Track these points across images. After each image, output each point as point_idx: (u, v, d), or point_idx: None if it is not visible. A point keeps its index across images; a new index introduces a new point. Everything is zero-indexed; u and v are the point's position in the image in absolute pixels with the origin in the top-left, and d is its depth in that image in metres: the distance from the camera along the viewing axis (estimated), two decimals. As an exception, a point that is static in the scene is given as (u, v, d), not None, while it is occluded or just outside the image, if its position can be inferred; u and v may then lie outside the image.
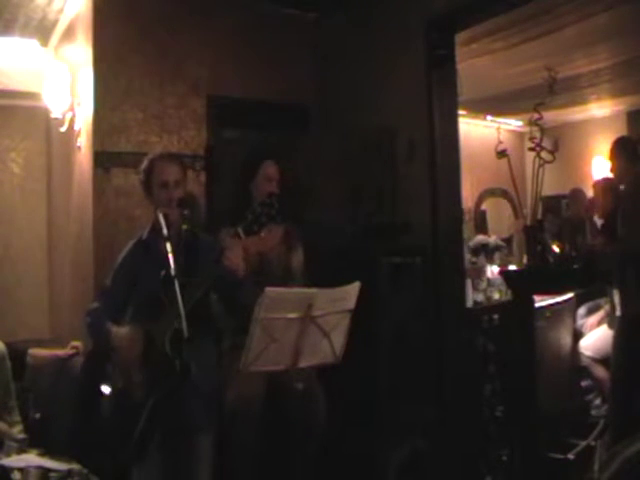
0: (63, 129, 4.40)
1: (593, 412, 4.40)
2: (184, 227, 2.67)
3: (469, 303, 3.94)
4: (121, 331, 2.59)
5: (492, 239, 5.79)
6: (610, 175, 4.14)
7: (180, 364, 2.44)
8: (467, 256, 4.54)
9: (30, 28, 4.71)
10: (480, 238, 5.51)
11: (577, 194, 5.95)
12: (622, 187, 3.98)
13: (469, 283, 4.45)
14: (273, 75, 4.35)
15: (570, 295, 4.33)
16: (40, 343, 4.31)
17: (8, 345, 3.83)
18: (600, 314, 4.62)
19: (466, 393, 3.54)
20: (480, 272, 4.58)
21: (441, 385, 3.48)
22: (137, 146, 3.91)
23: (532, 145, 3.57)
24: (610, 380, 3.87)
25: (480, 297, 4.54)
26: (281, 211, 2.46)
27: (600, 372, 4.32)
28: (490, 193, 7.34)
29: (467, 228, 5.61)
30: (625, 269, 3.62)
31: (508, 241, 6.30)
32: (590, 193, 5.36)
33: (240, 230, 2.43)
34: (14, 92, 5.07)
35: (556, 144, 3.64)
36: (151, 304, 2.55)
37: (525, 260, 4.00)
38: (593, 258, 3.87)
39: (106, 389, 2.63)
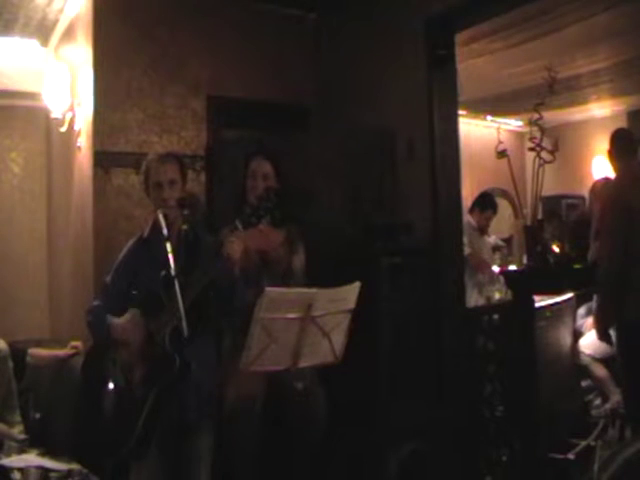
0: (63, 129, 4.40)
1: (593, 412, 4.39)
2: (184, 227, 2.67)
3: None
4: (121, 320, 2.59)
5: (492, 239, 5.80)
6: (610, 170, 4.11)
7: (179, 361, 2.44)
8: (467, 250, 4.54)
9: (30, 28, 4.71)
10: (480, 238, 5.52)
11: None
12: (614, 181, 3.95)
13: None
14: (273, 75, 4.35)
15: (570, 295, 4.32)
16: (40, 343, 4.31)
17: (8, 345, 3.84)
18: (600, 314, 4.61)
19: (466, 393, 3.54)
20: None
21: (441, 385, 3.48)
22: (137, 146, 3.91)
23: (532, 145, 3.57)
24: (622, 380, 3.86)
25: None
26: (279, 205, 2.46)
27: (600, 371, 4.32)
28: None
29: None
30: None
31: (508, 241, 6.31)
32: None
33: (238, 223, 2.43)
34: (14, 92, 5.07)
35: (556, 144, 3.63)
36: (151, 302, 2.55)
37: (525, 260, 4.00)
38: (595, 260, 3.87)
39: (109, 384, 2.63)
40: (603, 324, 3.73)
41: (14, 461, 3.19)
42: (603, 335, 3.74)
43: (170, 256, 2.41)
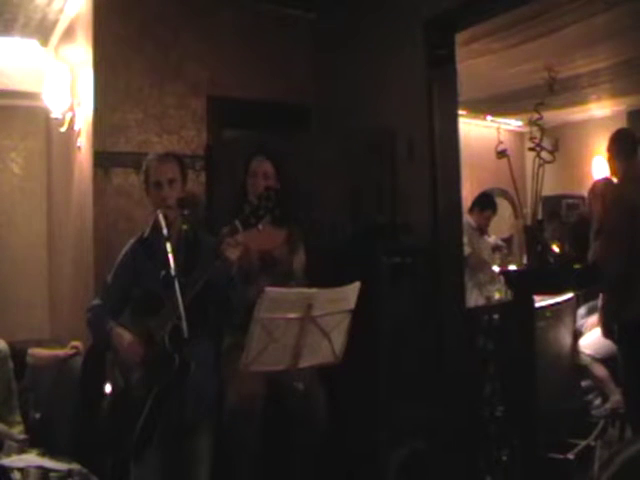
0: (63, 129, 4.40)
1: (593, 412, 4.39)
2: (184, 227, 2.67)
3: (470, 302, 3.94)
4: (123, 334, 2.59)
5: (492, 239, 5.80)
6: (608, 171, 4.10)
7: (179, 360, 2.44)
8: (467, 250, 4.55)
9: (30, 28, 4.71)
10: (480, 238, 5.52)
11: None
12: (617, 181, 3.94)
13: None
14: (273, 75, 4.35)
15: (570, 295, 4.32)
16: (40, 343, 4.31)
17: (8, 345, 3.84)
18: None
19: (466, 393, 3.54)
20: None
21: (441, 385, 3.48)
22: (137, 146, 3.91)
23: (532, 145, 3.56)
24: (622, 380, 3.86)
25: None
26: (279, 204, 2.46)
27: (600, 371, 4.32)
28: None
29: (467, 228, 5.58)
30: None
31: (508, 241, 6.31)
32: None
33: (238, 223, 2.43)
34: (14, 92, 5.07)
35: (556, 144, 3.62)
36: (150, 302, 2.55)
37: (525, 260, 4.00)
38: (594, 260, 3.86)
39: (107, 386, 2.63)
40: (608, 323, 3.74)
41: (14, 461, 3.19)
42: (608, 334, 3.74)
43: (170, 256, 2.41)
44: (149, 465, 2.59)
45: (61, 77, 4.34)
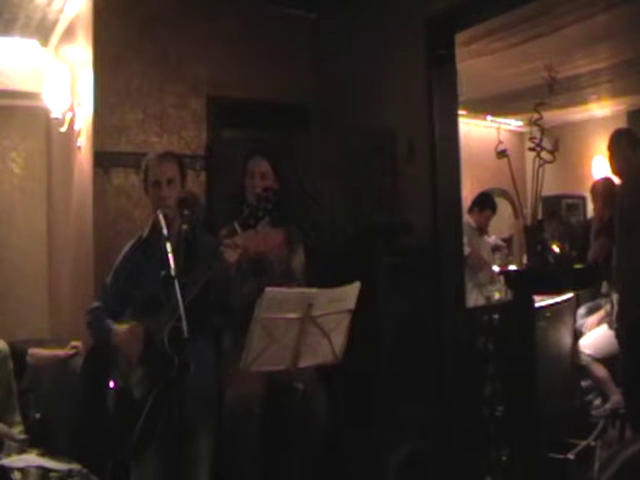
0: (63, 129, 4.40)
1: (593, 412, 4.40)
2: (184, 227, 2.67)
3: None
4: (121, 328, 2.60)
5: (492, 239, 5.81)
6: (609, 170, 4.10)
7: (179, 361, 2.44)
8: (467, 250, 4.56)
9: (30, 28, 4.71)
10: (480, 238, 5.52)
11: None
12: (619, 181, 3.95)
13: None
14: (273, 75, 4.35)
15: (570, 295, 4.32)
16: (40, 343, 4.31)
17: (8, 345, 3.84)
18: (600, 314, 4.62)
19: (466, 393, 3.54)
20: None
21: (441, 385, 3.48)
22: (137, 146, 3.91)
23: (532, 145, 3.56)
24: (622, 380, 3.86)
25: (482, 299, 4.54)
26: (278, 205, 2.46)
27: (600, 371, 4.32)
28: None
29: (467, 228, 5.58)
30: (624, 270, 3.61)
31: (508, 241, 6.31)
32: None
33: (236, 225, 2.44)
34: (14, 92, 5.07)
35: (556, 144, 3.62)
36: (150, 302, 2.55)
37: (525, 260, 4.00)
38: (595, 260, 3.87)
39: (110, 385, 2.64)
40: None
41: (14, 461, 3.19)
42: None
43: (170, 256, 2.41)
44: (149, 465, 2.59)
45: (61, 77, 4.35)
